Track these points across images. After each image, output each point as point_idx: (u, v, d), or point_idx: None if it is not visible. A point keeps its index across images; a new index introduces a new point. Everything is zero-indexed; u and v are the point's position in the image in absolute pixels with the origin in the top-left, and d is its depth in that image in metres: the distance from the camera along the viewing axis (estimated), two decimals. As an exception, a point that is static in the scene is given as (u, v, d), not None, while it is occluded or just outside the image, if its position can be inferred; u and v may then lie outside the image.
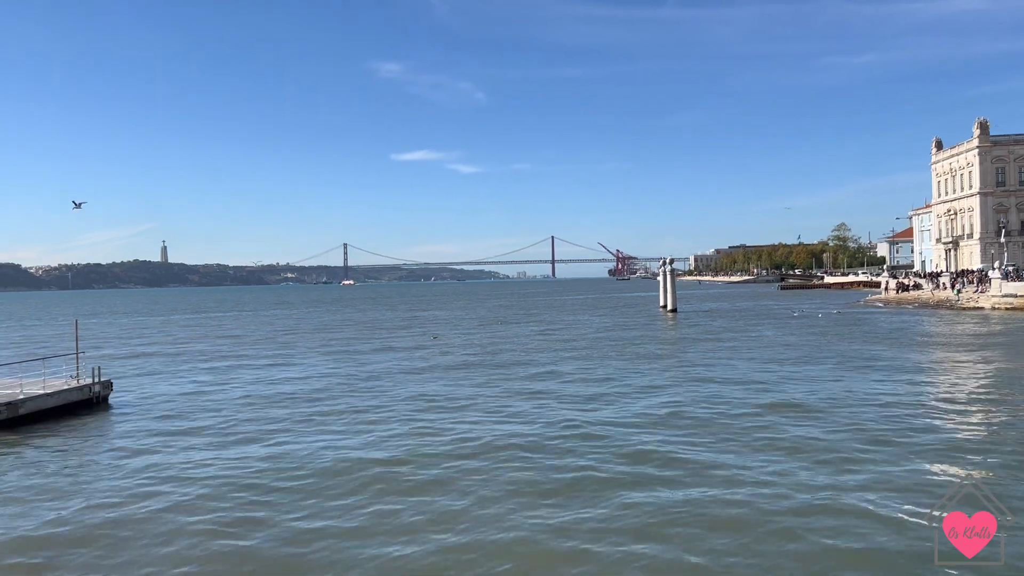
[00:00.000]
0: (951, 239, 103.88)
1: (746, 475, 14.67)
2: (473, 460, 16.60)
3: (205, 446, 19.11)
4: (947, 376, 28.19)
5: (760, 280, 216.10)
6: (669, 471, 15.44)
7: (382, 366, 35.64)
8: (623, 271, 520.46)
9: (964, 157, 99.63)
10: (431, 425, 20.79)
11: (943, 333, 46.89)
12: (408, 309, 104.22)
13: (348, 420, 22.12)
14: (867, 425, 18.79)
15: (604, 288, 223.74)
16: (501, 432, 19.56)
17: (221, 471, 16.39)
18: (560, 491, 14.13)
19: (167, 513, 13.53)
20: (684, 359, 35.46)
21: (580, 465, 15.91)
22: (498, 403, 24.34)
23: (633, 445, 17.73)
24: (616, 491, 13.97)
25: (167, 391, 29.09)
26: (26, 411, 22.00)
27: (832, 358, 34.21)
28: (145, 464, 17.25)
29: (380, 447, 18.28)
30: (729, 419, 20.50)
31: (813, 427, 18.83)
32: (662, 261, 79.31)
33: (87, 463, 17.66)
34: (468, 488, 14.47)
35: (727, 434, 18.61)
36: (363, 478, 15.50)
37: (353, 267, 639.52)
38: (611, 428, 19.74)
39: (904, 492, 13.13)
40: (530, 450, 17.39)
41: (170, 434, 20.73)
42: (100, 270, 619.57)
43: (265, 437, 19.91)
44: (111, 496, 14.72)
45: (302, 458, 17.37)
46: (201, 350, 47.40)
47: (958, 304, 68.57)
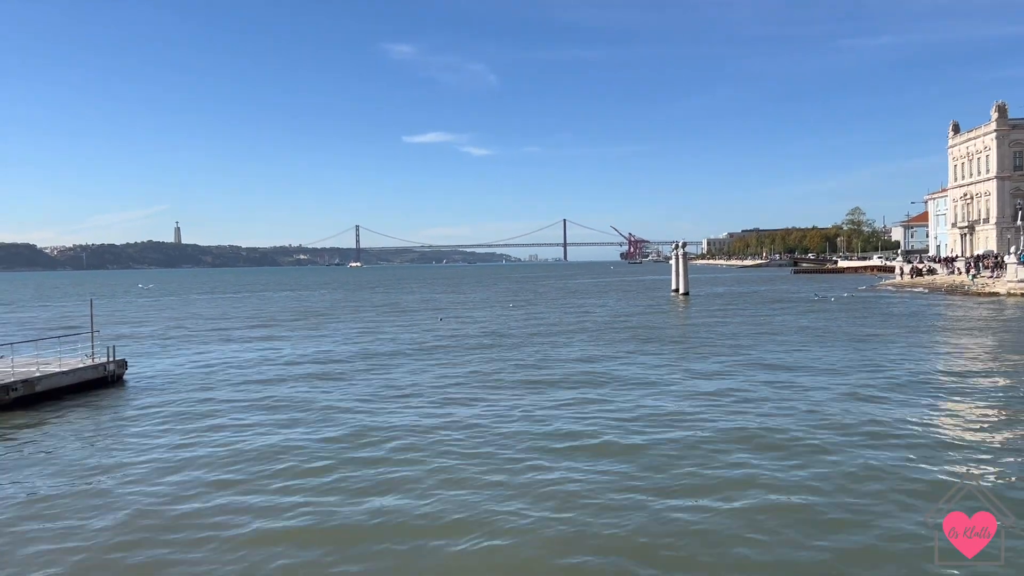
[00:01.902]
0: (967, 224, 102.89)
1: (739, 473, 14.64)
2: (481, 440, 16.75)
3: (217, 423, 19.35)
4: (955, 365, 27.74)
5: (773, 264, 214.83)
6: (670, 459, 15.52)
7: (395, 346, 35.83)
8: (635, 255, 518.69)
9: (981, 141, 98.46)
10: (449, 399, 20.99)
11: (956, 318, 46.53)
12: (415, 291, 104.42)
13: (368, 397, 22.32)
14: (867, 420, 18.56)
15: (616, 272, 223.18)
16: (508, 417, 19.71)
17: (233, 447, 16.63)
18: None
19: (172, 487, 13.77)
20: (692, 344, 35.44)
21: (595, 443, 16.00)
22: (493, 393, 24.47)
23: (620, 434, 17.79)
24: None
25: (181, 370, 29.40)
26: (42, 388, 22.34)
27: (840, 344, 34.06)
28: (156, 442, 17.50)
29: (397, 417, 18.46)
30: (731, 410, 20.53)
31: (811, 422, 18.55)
32: (674, 245, 78.99)
33: (100, 438, 17.93)
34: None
35: (724, 426, 18.64)
36: (390, 446, 15.70)
37: (365, 249, 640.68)
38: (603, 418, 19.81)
39: (904, 492, 13.03)
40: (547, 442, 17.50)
41: (182, 412, 21.02)
42: (114, 251, 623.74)
43: (277, 414, 20.15)
44: (120, 471, 14.97)
45: (316, 432, 17.59)
46: (214, 330, 47.78)
47: (973, 289, 67.98)
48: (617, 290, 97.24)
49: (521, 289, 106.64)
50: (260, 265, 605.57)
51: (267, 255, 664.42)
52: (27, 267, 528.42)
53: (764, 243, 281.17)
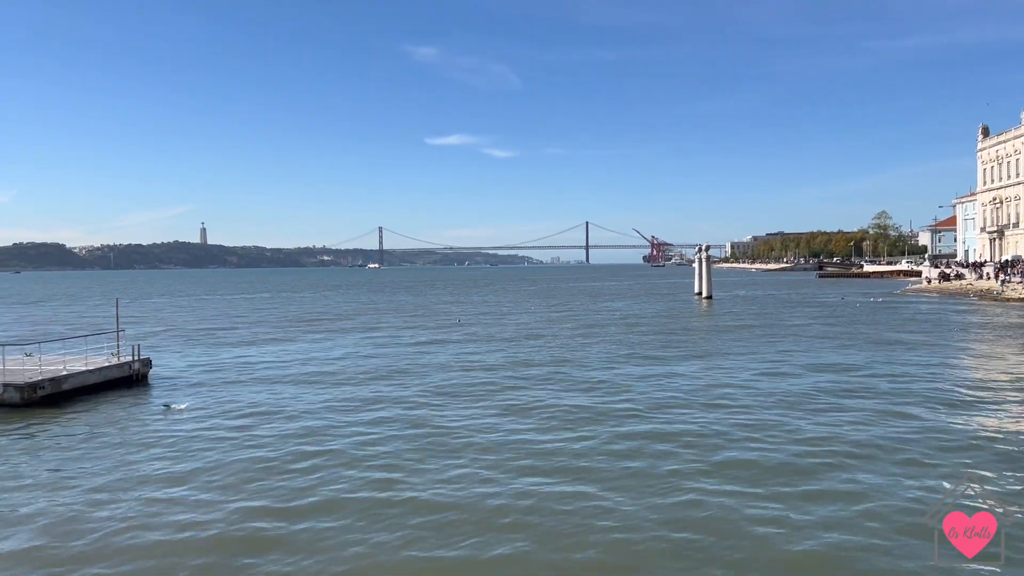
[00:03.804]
0: (996, 228, 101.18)
1: (741, 473, 14.57)
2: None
3: (240, 423, 19.56)
4: (972, 370, 27.47)
5: (798, 268, 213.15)
6: (680, 451, 15.48)
7: (419, 349, 36.02)
8: (658, 258, 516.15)
9: (1012, 144, 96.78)
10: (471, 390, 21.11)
11: (982, 324, 45.82)
12: (437, 294, 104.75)
13: (394, 398, 22.46)
14: (872, 420, 18.47)
15: (639, 274, 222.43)
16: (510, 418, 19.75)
17: (253, 447, 16.82)
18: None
19: (188, 488, 13.95)
20: (712, 349, 35.27)
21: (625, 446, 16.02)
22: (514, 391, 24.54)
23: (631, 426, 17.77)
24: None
25: (205, 370, 29.76)
26: (69, 387, 22.75)
27: (862, 348, 33.73)
28: (177, 439, 17.74)
29: (417, 422, 18.58)
30: (744, 407, 20.41)
31: (817, 421, 18.58)
32: (698, 248, 78.65)
33: (123, 436, 18.18)
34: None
35: (740, 422, 18.55)
36: (416, 446, 15.81)
37: (388, 250, 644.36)
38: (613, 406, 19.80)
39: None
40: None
41: (205, 410, 21.28)
42: (141, 251, 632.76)
43: (297, 416, 20.34)
44: (141, 468, 15.19)
45: (340, 434, 17.74)
46: (238, 330, 48.30)
47: (1002, 295, 66.95)
48: (639, 294, 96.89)
49: (544, 292, 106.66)
50: (284, 266, 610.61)
51: (291, 256, 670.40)
52: (57, 266, 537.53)
53: (789, 247, 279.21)
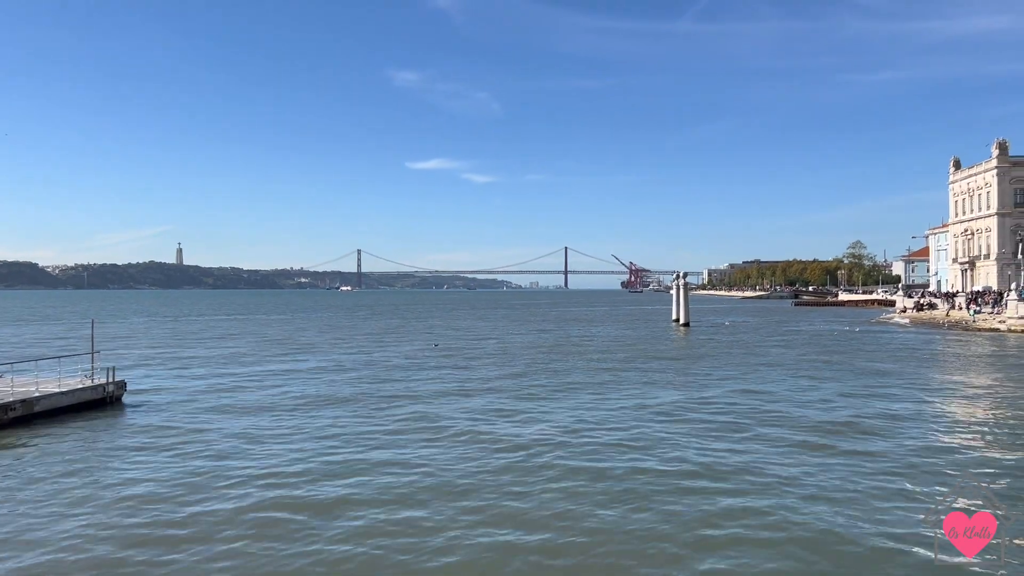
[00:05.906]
0: (968, 259, 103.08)
1: (746, 479, 14.62)
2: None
3: (214, 447, 19.26)
4: (953, 391, 28.15)
5: (774, 296, 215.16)
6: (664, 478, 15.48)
7: (393, 371, 35.80)
8: (636, 284, 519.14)
9: (982, 177, 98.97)
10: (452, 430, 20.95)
11: (956, 353, 46.50)
12: (411, 318, 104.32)
13: (367, 424, 22.25)
14: (868, 426, 18.74)
15: (617, 300, 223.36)
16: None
17: (227, 469, 16.56)
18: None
19: (163, 509, 13.70)
20: (690, 374, 35.39)
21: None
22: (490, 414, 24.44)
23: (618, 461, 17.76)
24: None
25: (179, 392, 29.35)
26: (41, 408, 22.33)
27: (842, 373, 34.07)
28: (151, 463, 17.44)
29: (400, 448, 18.41)
30: (733, 427, 20.49)
31: (813, 431, 18.82)
32: (675, 275, 79.24)
33: (94, 459, 17.85)
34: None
35: (734, 439, 18.60)
36: (386, 484, 15.64)
37: (367, 273, 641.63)
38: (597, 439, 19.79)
39: (904, 491, 13.08)
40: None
41: (180, 433, 20.94)
42: (116, 270, 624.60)
43: (273, 437, 20.08)
44: (114, 491, 14.90)
45: (319, 455, 17.53)
46: (213, 352, 47.75)
47: (973, 325, 68.05)
48: (617, 319, 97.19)
49: (521, 318, 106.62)
50: (261, 287, 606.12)
51: (268, 277, 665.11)
52: (28, 285, 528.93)
53: (765, 275, 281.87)
